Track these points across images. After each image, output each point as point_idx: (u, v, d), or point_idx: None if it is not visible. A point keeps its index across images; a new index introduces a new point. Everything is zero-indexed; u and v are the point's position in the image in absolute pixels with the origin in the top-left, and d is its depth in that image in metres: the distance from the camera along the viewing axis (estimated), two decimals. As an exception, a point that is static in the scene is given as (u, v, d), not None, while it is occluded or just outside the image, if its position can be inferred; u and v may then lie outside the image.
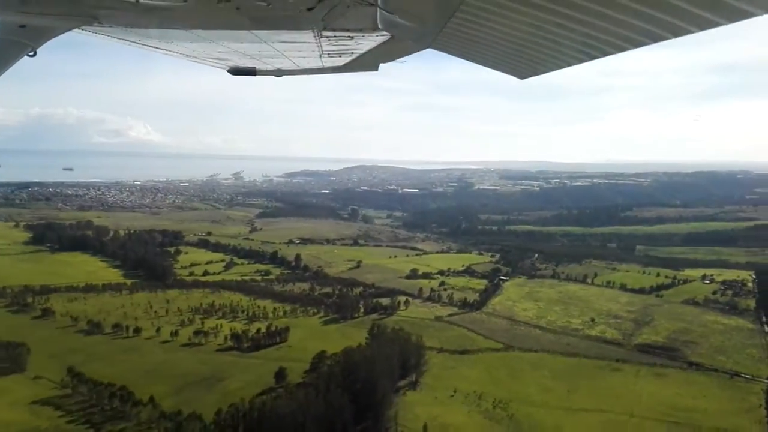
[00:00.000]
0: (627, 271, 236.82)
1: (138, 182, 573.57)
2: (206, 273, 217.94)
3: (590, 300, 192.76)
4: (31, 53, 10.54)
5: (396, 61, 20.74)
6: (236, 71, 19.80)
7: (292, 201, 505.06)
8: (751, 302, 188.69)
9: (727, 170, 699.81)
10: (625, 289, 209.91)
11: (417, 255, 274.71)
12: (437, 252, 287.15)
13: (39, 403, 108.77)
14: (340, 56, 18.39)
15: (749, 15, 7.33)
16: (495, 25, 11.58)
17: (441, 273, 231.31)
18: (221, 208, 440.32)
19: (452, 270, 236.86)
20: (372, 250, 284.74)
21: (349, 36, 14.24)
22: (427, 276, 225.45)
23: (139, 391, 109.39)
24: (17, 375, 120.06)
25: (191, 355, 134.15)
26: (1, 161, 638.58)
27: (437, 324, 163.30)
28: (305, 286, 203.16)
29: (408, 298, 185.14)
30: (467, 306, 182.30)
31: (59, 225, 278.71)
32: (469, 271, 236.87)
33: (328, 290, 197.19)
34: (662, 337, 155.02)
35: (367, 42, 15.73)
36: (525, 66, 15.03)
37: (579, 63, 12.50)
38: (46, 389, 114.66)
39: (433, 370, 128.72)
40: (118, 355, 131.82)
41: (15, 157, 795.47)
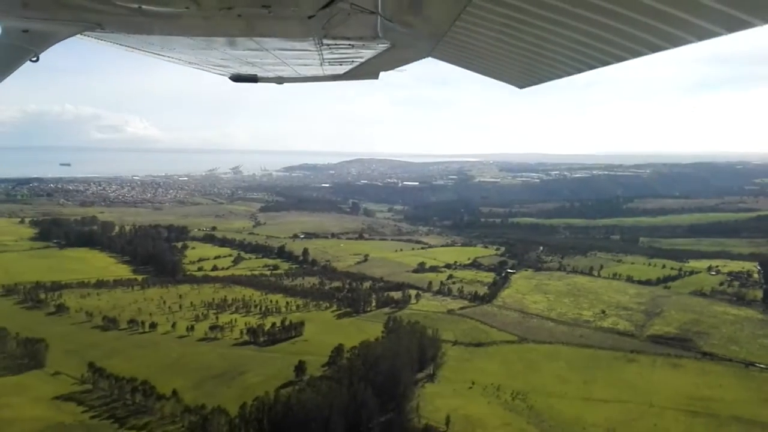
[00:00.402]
0: (633, 263, 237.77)
1: (137, 177, 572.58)
2: (215, 268, 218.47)
3: (599, 292, 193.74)
4: (34, 58, 10.60)
5: (396, 70, 20.80)
6: (238, 78, 19.84)
7: (293, 195, 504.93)
8: (758, 293, 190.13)
9: (725, 161, 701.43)
10: (632, 281, 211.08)
11: (422, 248, 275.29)
12: (442, 245, 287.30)
13: (61, 399, 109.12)
14: (341, 64, 18.40)
15: (749, 25, 7.37)
16: (494, 35, 11.72)
17: (448, 266, 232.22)
18: (223, 203, 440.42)
19: (459, 263, 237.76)
20: (377, 244, 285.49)
21: (350, 44, 14.22)
22: (435, 269, 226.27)
23: (160, 386, 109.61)
24: (37, 371, 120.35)
25: (209, 350, 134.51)
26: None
27: (449, 317, 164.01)
28: (315, 281, 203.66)
29: (418, 292, 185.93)
30: (477, 299, 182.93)
31: (65, 221, 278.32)
32: (476, 265, 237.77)
33: (338, 284, 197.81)
34: (674, 328, 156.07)
35: (368, 50, 15.72)
36: (524, 76, 15.21)
37: (578, 72, 12.59)
38: (67, 385, 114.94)
39: (450, 363, 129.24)
40: (136, 351, 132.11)
41: (11, 154, 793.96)
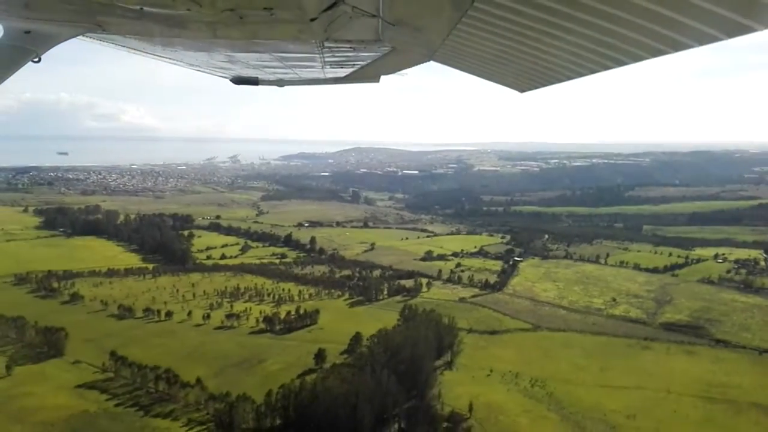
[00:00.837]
0: (639, 251, 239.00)
1: (135, 166, 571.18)
2: (223, 256, 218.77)
3: (607, 280, 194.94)
4: (36, 59, 10.61)
5: (397, 73, 20.77)
6: (239, 80, 19.78)
7: (293, 184, 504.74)
8: (766, 280, 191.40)
9: (723, 150, 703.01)
10: (640, 269, 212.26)
11: (428, 237, 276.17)
12: (448, 234, 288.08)
13: (84, 387, 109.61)
14: (342, 67, 18.42)
15: (749, 30, 7.37)
16: (495, 39, 11.68)
17: (455, 255, 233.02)
18: (224, 192, 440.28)
19: (465, 252, 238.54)
20: (382, 233, 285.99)
21: (351, 47, 14.24)
22: (442, 258, 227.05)
23: (181, 374, 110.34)
24: (56, 359, 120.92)
25: (226, 338, 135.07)
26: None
27: (462, 305, 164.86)
28: (324, 269, 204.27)
29: (429, 280, 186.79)
30: (488, 287, 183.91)
31: (69, 209, 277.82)
32: (483, 253, 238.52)
33: (348, 272, 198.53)
34: (685, 316, 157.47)
35: (369, 53, 15.75)
36: (525, 80, 15.17)
37: (579, 77, 12.55)
38: (88, 373, 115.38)
39: (466, 350, 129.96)
40: (154, 339, 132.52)
41: (7, 143, 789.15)
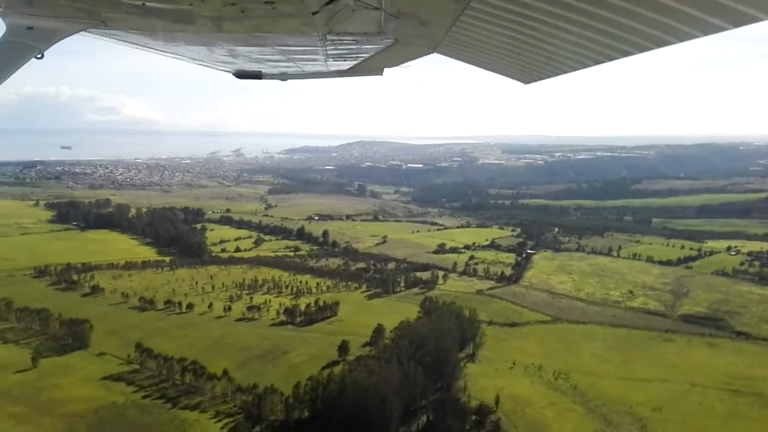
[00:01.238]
0: (650, 244, 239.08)
1: (140, 160, 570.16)
2: (237, 249, 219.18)
3: (622, 272, 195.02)
4: (39, 55, 10.52)
5: (401, 66, 20.62)
6: (242, 74, 19.67)
7: (298, 177, 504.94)
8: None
9: (727, 142, 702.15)
10: (652, 262, 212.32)
11: (438, 230, 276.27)
12: (458, 227, 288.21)
13: (110, 379, 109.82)
14: (345, 60, 18.31)
15: (754, 20, 7.34)
16: (499, 30, 11.66)
17: (467, 247, 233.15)
18: (230, 185, 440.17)
19: (477, 244, 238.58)
20: (392, 226, 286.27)
21: (354, 40, 14.15)
22: (455, 251, 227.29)
23: (206, 366, 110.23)
24: (81, 351, 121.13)
25: (248, 330, 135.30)
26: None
27: (479, 297, 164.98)
28: (339, 262, 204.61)
29: (445, 273, 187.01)
30: (504, 279, 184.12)
31: (80, 203, 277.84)
32: (495, 245, 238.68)
33: (363, 265, 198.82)
34: (704, 308, 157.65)
35: (372, 46, 15.63)
36: (529, 71, 15.08)
37: (583, 68, 12.49)
38: (113, 365, 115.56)
39: (488, 343, 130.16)
40: (176, 331, 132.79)
41: (9, 136, 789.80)
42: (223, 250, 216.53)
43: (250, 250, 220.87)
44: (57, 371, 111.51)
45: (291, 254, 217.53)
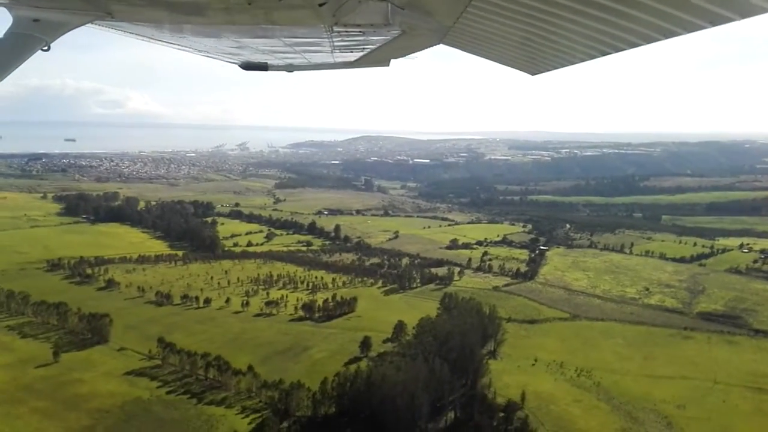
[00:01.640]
0: (663, 241, 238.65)
1: (144, 153, 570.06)
2: (250, 244, 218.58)
3: (636, 269, 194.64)
4: (45, 47, 10.50)
5: (407, 57, 20.47)
6: (248, 66, 19.59)
7: (305, 172, 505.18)
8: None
9: (731, 140, 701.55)
10: (665, 259, 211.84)
11: (449, 225, 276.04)
12: (468, 222, 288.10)
13: (133, 374, 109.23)
14: (352, 52, 18.25)
15: (762, 11, 7.23)
16: (506, 21, 11.54)
17: (479, 243, 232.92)
18: (237, 179, 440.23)
19: (489, 240, 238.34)
20: (403, 221, 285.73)
21: (361, 31, 14.05)
22: (467, 246, 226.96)
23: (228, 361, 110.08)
24: (101, 346, 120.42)
25: (267, 325, 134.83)
26: (1, 132, 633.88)
27: (496, 294, 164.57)
28: (352, 257, 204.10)
29: (460, 269, 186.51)
30: (519, 276, 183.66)
31: (89, 196, 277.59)
32: (507, 242, 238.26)
33: (377, 260, 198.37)
34: (720, 306, 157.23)
35: (378, 38, 15.54)
36: (536, 62, 14.96)
37: (590, 59, 12.40)
38: (135, 360, 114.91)
39: (508, 339, 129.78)
40: (195, 326, 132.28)
41: (14, 128, 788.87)
42: (235, 245, 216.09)
43: (262, 245, 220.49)
44: (79, 366, 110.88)
45: (304, 249, 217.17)
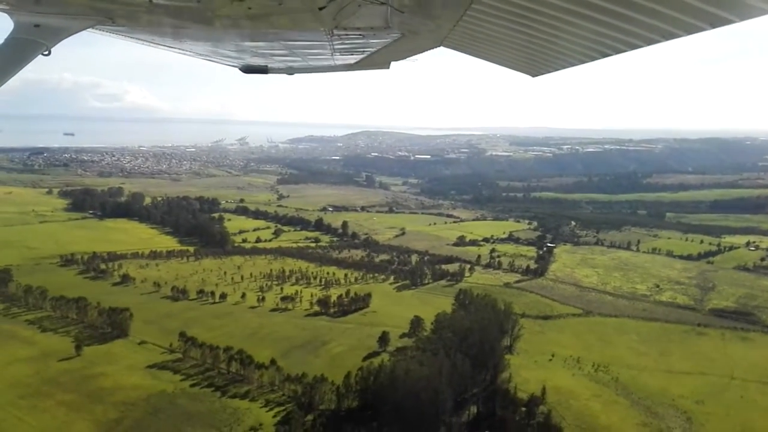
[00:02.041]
0: (669, 238, 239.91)
1: (144, 148, 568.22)
2: (259, 240, 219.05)
3: (645, 266, 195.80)
4: (46, 52, 10.66)
5: (407, 60, 20.65)
6: (248, 69, 19.68)
7: (306, 167, 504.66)
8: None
9: (733, 137, 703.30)
10: (673, 256, 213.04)
11: (455, 222, 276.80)
12: (473, 219, 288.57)
13: (155, 368, 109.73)
14: (352, 54, 18.35)
15: (761, 12, 7.37)
16: (505, 24, 11.70)
17: (486, 240, 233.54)
18: (238, 175, 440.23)
19: (496, 237, 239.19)
20: (408, 218, 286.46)
21: (360, 34, 14.18)
22: (474, 243, 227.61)
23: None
24: (122, 340, 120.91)
25: (284, 320, 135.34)
26: (0, 126, 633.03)
27: (508, 290, 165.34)
28: (361, 254, 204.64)
29: (471, 265, 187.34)
30: (529, 272, 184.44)
31: (95, 191, 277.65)
32: (513, 239, 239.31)
33: (386, 257, 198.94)
34: (732, 302, 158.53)
35: (379, 40, 15.64)
36: (537, 64, 15.08)
37: (590, 61, 12.51)
38: (156, 354, 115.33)
39: (524, 335, 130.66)
40: (213, 321, 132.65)
41: (12, 122, 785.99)
42: (244, 240, 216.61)
43: (271, 241, 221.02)
44: (101, 359, 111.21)
45: (312, 245, 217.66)
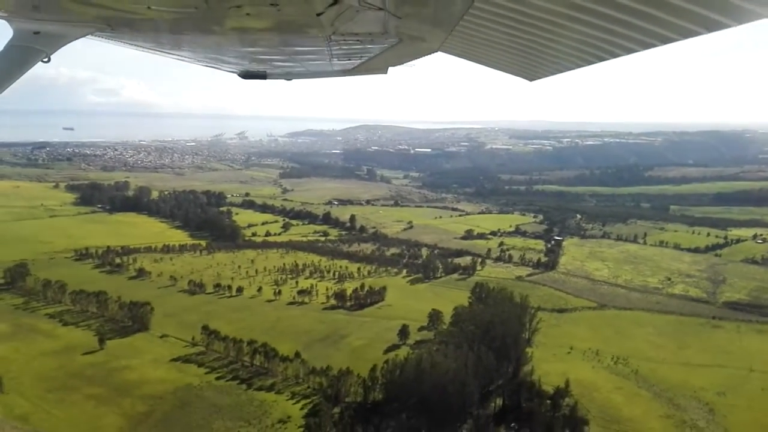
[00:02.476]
0: (675, 231, 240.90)
1: (144, 142, 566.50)
2: (268, 234, 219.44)
3: (654, 259, 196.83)
4: (46, 59, 10.66)
5: (405, 65, 20.75)
6: (247, 75, 19.78)
7: (307, 161, 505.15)
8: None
9: (732, 130, 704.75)
10: (681, 249, 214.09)
11: (460, 216, 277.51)
12: (479, 213, 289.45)
13: (179, 361, 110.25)
14: (350, 60, 18.41)
15: (759, 16, 7.39)
16: (503, 28, 11.70)
17: (493, 234, 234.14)
18: (240, 169, 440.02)
19: (503, 231, 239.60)
20: (414, 211, 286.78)
21: (358, 40, 14.18)
22: (482, 236, 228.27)
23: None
24: (143, 333, 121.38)
25: (302, 314, 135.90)
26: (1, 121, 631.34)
27: (521, 284, 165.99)
28: (371, 247, 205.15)
29: (481, 259, 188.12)
30: (540, 266, 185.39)
31: (102, 185, 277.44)
32: (520, 232, 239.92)
33: (396, 251, 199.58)
34: (744, 295, 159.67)
35: (376, 46, 15.71)
36: (534, 68, 15.13)
37: (587, 65, 12.55)
38: (179, 347, 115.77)
39: (541, 328, 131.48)
40: (231, 314, 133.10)
41: (11, 117, 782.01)
42: (254, 234, 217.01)
43: (280, 235, 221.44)
44: (125, 353, 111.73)
45: (322, 239, 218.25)
